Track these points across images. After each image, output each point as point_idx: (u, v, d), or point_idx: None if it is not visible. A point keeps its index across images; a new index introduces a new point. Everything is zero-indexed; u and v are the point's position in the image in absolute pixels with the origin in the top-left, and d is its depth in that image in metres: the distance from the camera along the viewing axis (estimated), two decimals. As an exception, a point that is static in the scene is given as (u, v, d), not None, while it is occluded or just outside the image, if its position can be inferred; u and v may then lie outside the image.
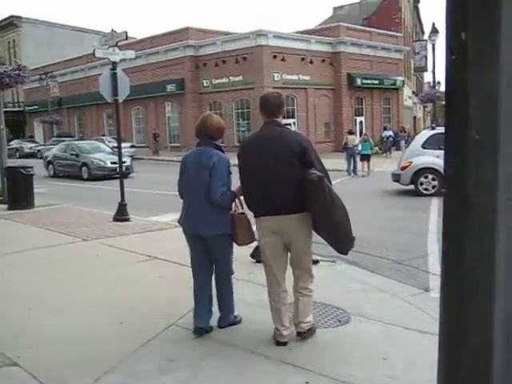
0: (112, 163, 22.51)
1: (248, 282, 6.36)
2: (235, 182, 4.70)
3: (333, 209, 4.23)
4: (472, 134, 1.45)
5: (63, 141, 42.15)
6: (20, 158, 43.19)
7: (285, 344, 4.55)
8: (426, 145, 15.10)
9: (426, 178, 15.09)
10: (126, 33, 10.61)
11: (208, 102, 38.12)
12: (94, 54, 10.56)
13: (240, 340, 4.72)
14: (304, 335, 4.63)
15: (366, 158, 22.43)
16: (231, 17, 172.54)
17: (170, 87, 38.80)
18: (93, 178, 22.82)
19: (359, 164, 22.49)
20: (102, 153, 24.59)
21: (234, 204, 4.74)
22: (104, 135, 41.46)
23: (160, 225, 10.65)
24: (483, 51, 1.44)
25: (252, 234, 4.79)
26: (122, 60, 39.16)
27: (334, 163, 26.13)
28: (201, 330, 4.82)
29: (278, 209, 4.31)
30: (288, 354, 4.40)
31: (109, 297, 6.03)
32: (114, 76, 10.69)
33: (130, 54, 11.30)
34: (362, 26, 45.01)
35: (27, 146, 45.14)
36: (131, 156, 36.99)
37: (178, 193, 5.01)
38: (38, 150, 43.25)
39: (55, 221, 11.36)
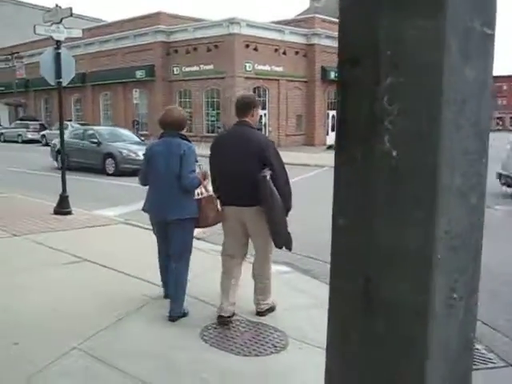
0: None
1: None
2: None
3: (271, 206, 4.61)
4: (385, 146, 0.68)
5: (26, 124, 40.89)
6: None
7: (227, 318, 4.92)
8: None
9: None
10: (71, 9, 9.62)
11: (178, 89, 37.01)
12: (34, 30, 9.55)
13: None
14: (262, 313, 5.10)
15: None
16: (206, 4, 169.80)
17: (139, 73, 37.56)
18: (120, 173, 18.09)
19: None
20: (128, 141, 20.00)
21: (199, 189, 5.04)
22: (70, 120, 40.03)
23: (103, 220, 9.78)
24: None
25: (220, 214, 5.00)
26: (94, 43, 38.06)
27: (304, 157, 25.46)
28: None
29: (239, 201, 4.79)
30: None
31: (8, 309, 5.13)
32: (57, 56, 9.70)
33: (77, 32, 10.27)
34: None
35: (-11, 129, 43.49)
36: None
37: (139, 181, 5.23)
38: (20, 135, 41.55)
39: (-9, 211, 10.39)
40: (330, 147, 34.63)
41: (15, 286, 5.85)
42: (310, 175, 18.70)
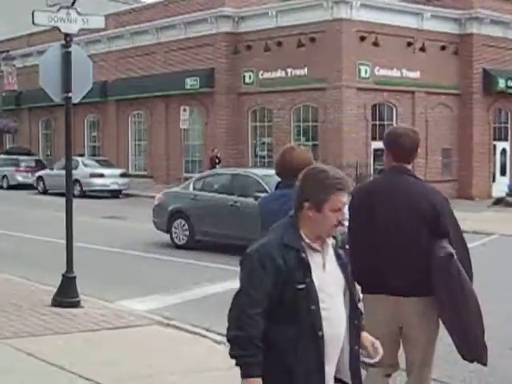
0: None
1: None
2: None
3: (460, 300, 4.73)
4: None
5: (15, 160, 42.11)
6: None
7: None
8: None
9: None
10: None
11: (251, 107, 37.58)
12: (32, 19, 9.87)
13: None
14: None
15: None
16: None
17: (190, 82, 38.38)
18: None
19: None
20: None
21: None
22: (83, 155, 41.15)
23: (129, 318, 9.82)
24: None
25: None
26: (123, 36, 39.53)
27: (458, 218, 24.76)
28: None
29: (394, 288, 4.93)
30: None
31: None
32: (66, 58, 9.94)
33: (98, 20, 10.50)
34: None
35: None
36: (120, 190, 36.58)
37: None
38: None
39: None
40: (497, 202, 33.77)
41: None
42: (471, 247, 18.21)
